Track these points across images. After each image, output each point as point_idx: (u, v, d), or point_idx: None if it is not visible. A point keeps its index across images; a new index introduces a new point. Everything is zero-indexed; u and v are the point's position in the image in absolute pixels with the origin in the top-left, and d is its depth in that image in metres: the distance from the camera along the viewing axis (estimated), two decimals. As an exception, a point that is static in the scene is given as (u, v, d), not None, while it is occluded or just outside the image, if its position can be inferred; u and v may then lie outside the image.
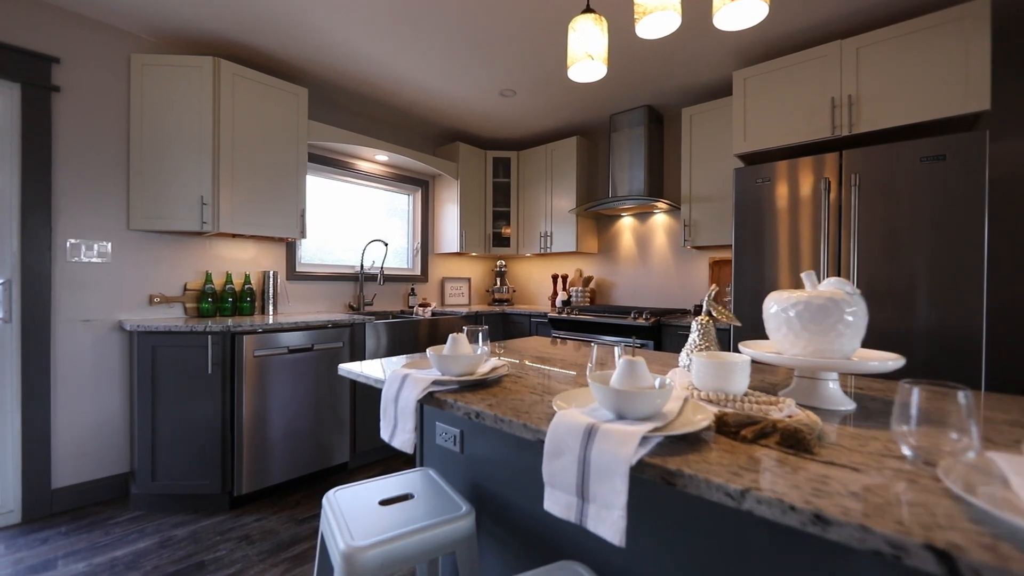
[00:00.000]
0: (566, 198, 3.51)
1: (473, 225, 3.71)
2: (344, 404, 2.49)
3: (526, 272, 4.24)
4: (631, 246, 3.51)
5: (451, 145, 3.66)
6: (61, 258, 2.10)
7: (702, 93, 2.92)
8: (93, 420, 2.18)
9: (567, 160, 3.50)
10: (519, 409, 0.85)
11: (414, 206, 3.74)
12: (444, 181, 3.71)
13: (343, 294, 3.18)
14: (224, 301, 2.50)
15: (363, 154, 3.16)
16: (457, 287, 3.94)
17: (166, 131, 2.24)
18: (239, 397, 2.10)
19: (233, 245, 2.64)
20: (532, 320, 3.32)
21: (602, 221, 3.70)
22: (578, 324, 2.98)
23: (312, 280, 3.01)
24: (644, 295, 3.43)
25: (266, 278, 2.69)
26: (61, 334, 2.09)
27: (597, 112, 3.29)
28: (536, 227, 3.73)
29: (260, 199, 2.46)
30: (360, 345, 2.59)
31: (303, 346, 2.31)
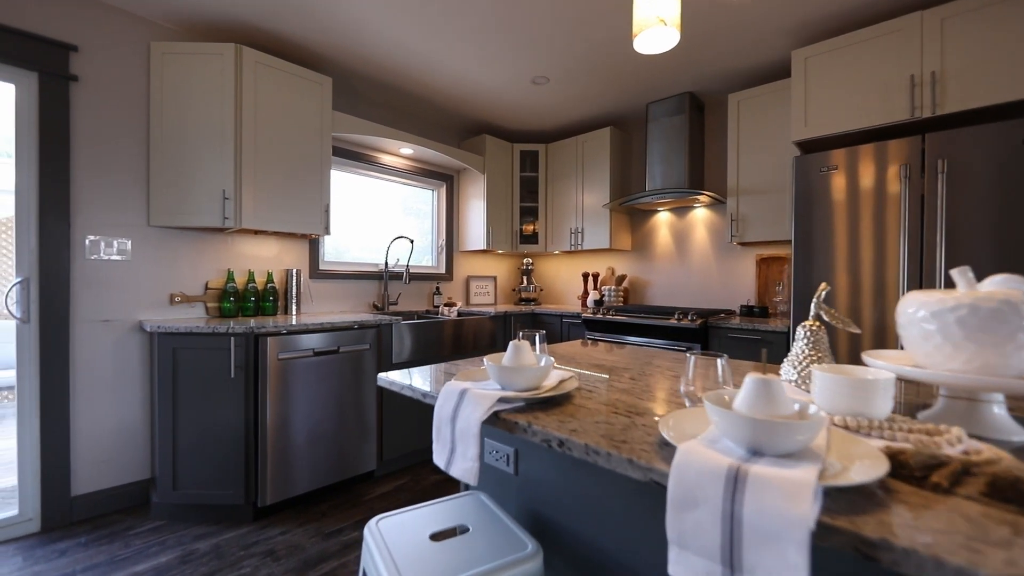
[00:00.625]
0: (598, 192, 3.34)
1: (500, 221, 3.55)
2: (370, 409, 2.36)
3: (553, 270, 4.07)
4: (668, 243, 3.32)
5: (477, 138, 3.51)
6: (80, 256, 2.00)
7: (750, 77, 2.71)
8: (113, 425, 2.09)
9: (599, 152, 3.32)
10: (612, 436, 0.69)
11: (438, 202, 3.60)
12: (470, 175, 3.56)
13: (367, 293, 3.05)
14: (246, 300, 2.39)
15: (387, 147, 3.03)
16: (482, 286, 3.79)
17: (187, 122, 2.13)
18: (263, 402, 1.98)
19: (255, 242, 2.53)
20: (564, 321, 3.15)
21: (636, 217, 3.51)
22: (615, 326, 2.80)
23: (335, 279, 2.89)
24: (682, 295, 3.24)
25: (289, 276, 2.58)
26: (80, 335, 2.00)
27: (632, 101, 3.10)
28: (565, 223, 3.55)
29: (284, 193, 2.34)
30: (387, 347, 2.46)
31: (328, 348, 2.18)
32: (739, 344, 2.35)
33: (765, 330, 2.25)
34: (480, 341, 2.93)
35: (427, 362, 2.66)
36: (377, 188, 3.22)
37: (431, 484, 2.42)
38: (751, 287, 2.91)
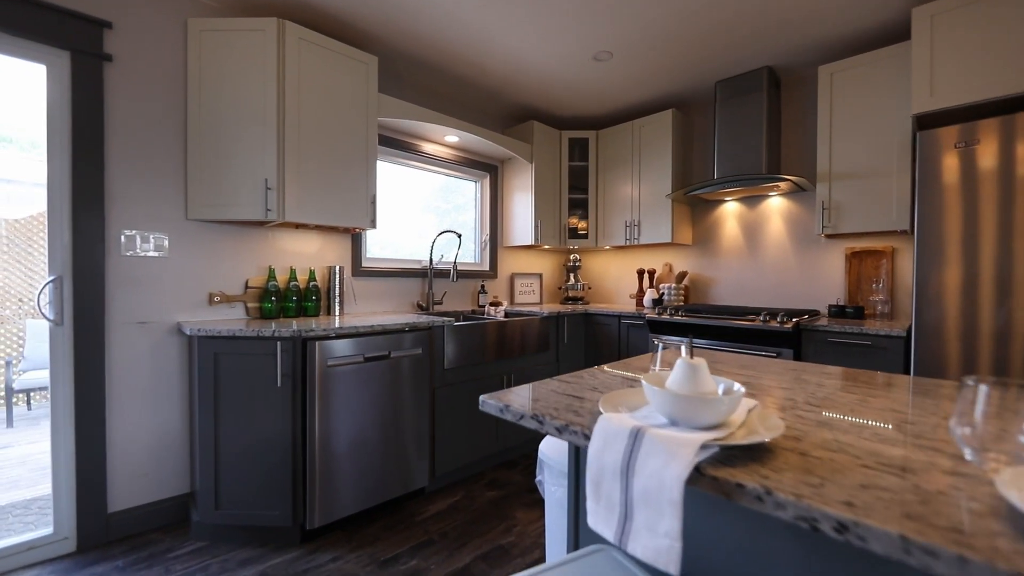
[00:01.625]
0: (657, 182, 3.05)
1: (547, 214, 3.30)
2: (423, 420, 2.14)
3: (601, 267, 3.80)
4: (736, 236, 3.02)
5: (524, 124, 3.26)
6: (115, 252, 1.84)
7: (845, 46, 2.39)
8: (151, 436, 1.92)
9: (660, 137, 3.04)
10: (921, 516, 0.44)
11: (482, 194, 3.37)
12: (515, 165, 3.32)
13: (410, 292, 2.85)
14: (288, 300, 2.21)
15: (430, 134, 2.82)
16: (527, 284, 3.55)
17: (227, 105, 1.95)
18: (311, 413, 1.78)
19: (297, 237, 2.35)
20: (623, 322, 2.89)
21: (699, 208, 3.21)
22: (686, 328, 2.53)
23: (377, 277, 2.69)
24: (752, 294, 2.93)
25: (332, 274, 2.39)
26: (116, 338, 1.84)
27: (698, 80, 2.81)
28: (619, 216, 3.28)
29: (328, 183, 2.14)
30: (439, 351, 2.24)
31: (379, 353, 1.97)
32: (840, 351, 2.05)
33: (876, 334, 1.95)
34: (532, 344, 2.69)
35: (479, 367, 2.43)
36: (418, 179, 3.01)
37: (487, 502, 2.19)
38: (839, 285, 2.59)
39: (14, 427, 3.73)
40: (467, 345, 2.35)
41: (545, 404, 0.83)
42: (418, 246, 3.02)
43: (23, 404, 4.13)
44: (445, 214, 3.10)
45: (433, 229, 3.04)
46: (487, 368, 2.48)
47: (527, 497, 2.24)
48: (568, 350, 2.99)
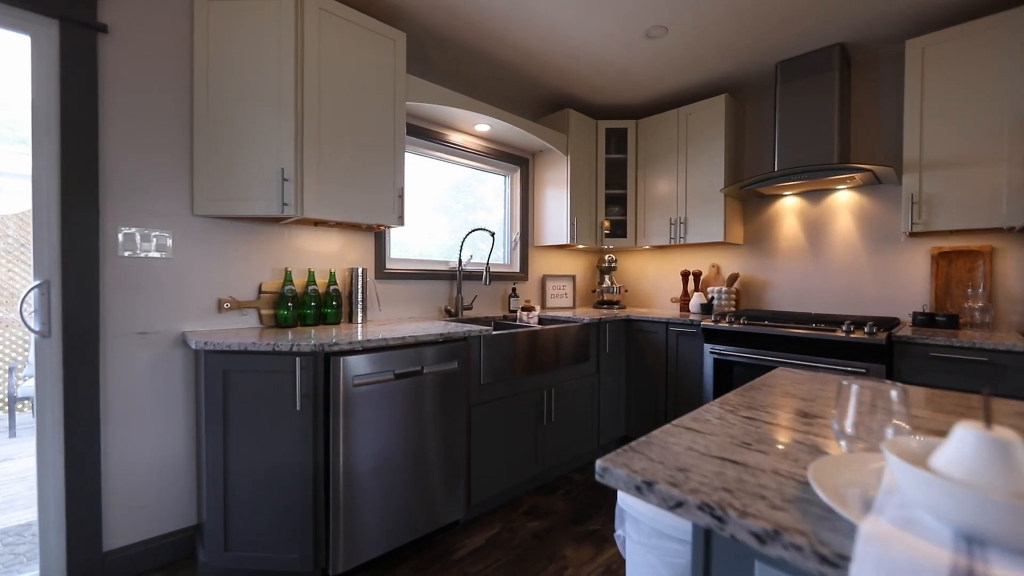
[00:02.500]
0: (707, 175, 2.77)
1: (583, 211, 3.03)
2: (458, 444, 1.89)
3: (637, 268, 3.52)
4: (795, 234, 2.72)
5: (559, 113, 2.99)
6: (111, 253, 1.60)
7: (936, 16, 2.09)
8: (152, 463, 1.69)
9: (710, 126, 2.75)
10: None
11: (512, 189, 3.11)
12: (547, 158, 3.06)
13: (436, 296, 2.59)
14: (306, 306, 1.96)
15: (460, 123, 2.56)
16: (560, 286, 3.28)
17: (238, 84, 1.71)
18: (334, 441, 1.53)
19: (315, 236, 2.10)
20: (671, 329, 2.60)
21: (751, 204, 2.92)
22: (748, 338, 2.24)
23: (401, 280, 2.44)
24: (815, 298, 2.64)
25: (353, 277, 2.14)
26: (112, 351, 1.60)
27: (757, 59, 2.52)
28: (661, 213, 3.00)
29: (352, 174, 1.89)
30: (476, 365, 1.98)
31: (411, 369, 1.72)
32: (945, 368, 1.76)
33: (995, 349, 1.65)
34: (572, 354, 2.42)
35: (517, 381, 2.17)
36: (435, 175, 2.75)
37: (530, 536, 1.93)
38: (923, 290, 2.29)
39: (16, 437, 3.54)
40: (504, 357, 2.08)
41: (701, 479, 0.56)
42: (427, 247, 2.76)
43: (28, 411, 3.95)
44: (456, 214, 2.80)
45: (444, 230, 2.77)
46: (525, 382, 2.21)
47: (573, 529, 1.98)
48: (609, 360, 2.72)
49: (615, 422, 2.76)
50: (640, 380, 2.76)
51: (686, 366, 2.54)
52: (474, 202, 2.91)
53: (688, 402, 2.53)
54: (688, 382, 2.53)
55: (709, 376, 2.39)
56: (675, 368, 2.59)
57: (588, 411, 2.58)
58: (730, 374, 2.30)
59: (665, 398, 2.63)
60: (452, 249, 2.76)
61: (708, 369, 2.39)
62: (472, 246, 2.84)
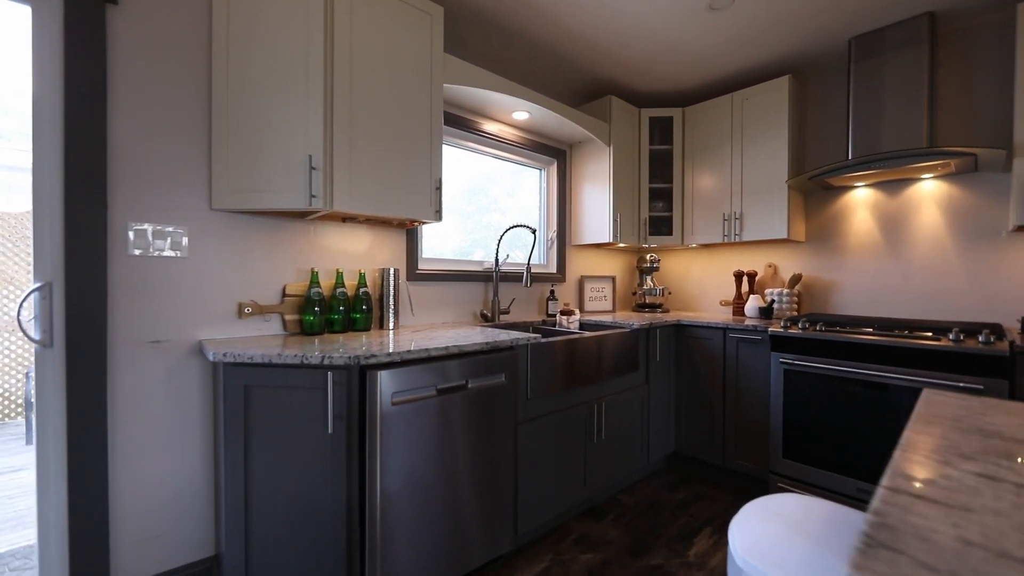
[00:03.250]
0: (767, 165, 2.51)
1: (625, 207, 2.80)
2: (505, 466, 1.67)
3: (681, 268, 3.26)
4: (869, 230, 2.44)
5: (600, 101, 2.77)
6: (120, 252, 1.42)
7: (1051, -23, 1.81)
8: (166, 487, 1.50)
9: (771, 111, 2.49)
10: None
11: (548, 183, 2.89)
12: (587, 150, 2.83)
13: (470, 299, 2.38)
14: (334, 311, 1.77)
15: (496, 110, 2.35)
16: (598, 288, 3.05)
17: (261, 62, 1.52)
18: (371, 467, 1.32)
19: (344, 233, 1.90)
20: (730, 336, 2.35)
21: (815, 198, 2.65)
22: (827, 347, 1.98)
23: (433, 281, 2.23)
24: (893, 302, 2.35)
25: (384, 278, 1.93)
26: (121, 362, 1.42)
27: (826, 35, 2.26)
28: (712, 208, 2.75)
29: (385, 163, 1.69)
30: (523, 377, 1.76)
31: (456, 383, 1.51)
32: (1087, 383, 1.48)
33: None
34: (620, 363, 2.19)
35: (565, 395, 1.94)
36: (473, 166, 2.54)
37: (584, 571, 1.70)
38: None
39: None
40: (553, 368, 1.86)
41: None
42: (440, 248, 2.55)
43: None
44: (468, 216, 2.54)
45: (456, 231, 2.53)
46: (574, 395, 1.98)
47: (634, 564, 1.74)
48: (659, 370, 2.47)
49: (664, 437, 2.51)
50: (692, 391, 2.51)
51: (747, 377, 2.28)
52: (487, 203, 2.62)
53: (750, 418, 2.27)
54: (750, 395, 2.27)
55: (777, 389, 2.13)
56: (734, 379, 2.33)
57: (637, 426, 2.33)
58: (803, 388, 2.04)
59: (723, 412, 2.37)
60: (464, 252, 2.53)
61: (776, 381, 2.13)
62: (485, 246, 2.61)
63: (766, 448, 2.22)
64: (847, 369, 1.91)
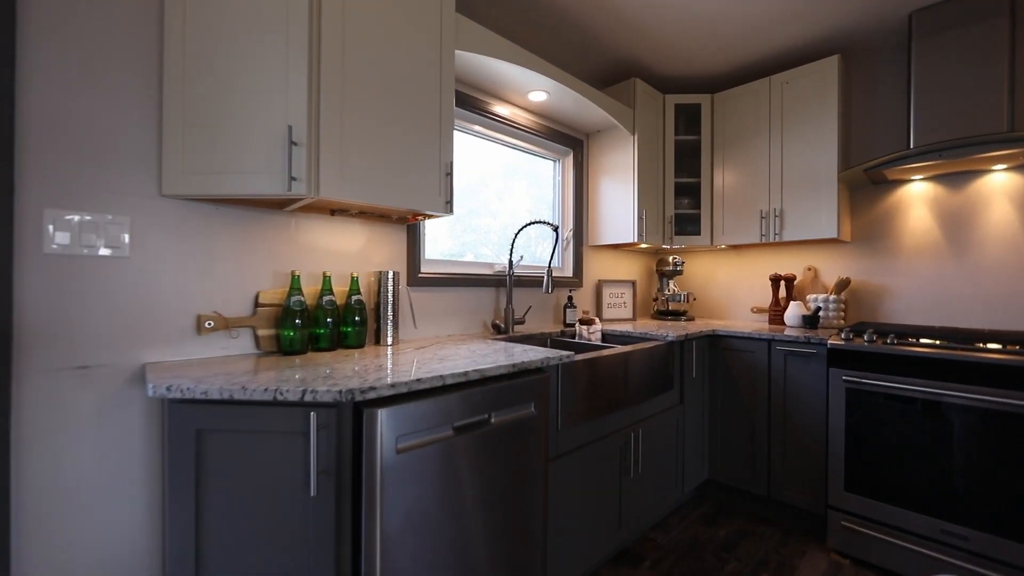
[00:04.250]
0: (812, 156, 2.24)
1: (649, 204, 2.50)
2: (533, 513, 1.34)
3: (705, 272, 2.98)
4: (927, 228, 2.18)
5: (623, 84, 2.48)
6: (34, 249, 1.07)
7: None
8: (95, 566, 1.14)
9: (817, 95, 2.22)
10: None
11: (563, 176, 2.58)
12: (607, 139, 2.53)
13: (479, 307, 2.06)
14: (319, 324, 1.43)
15: (510, 91, 2.04)
16: (618, 294, 2.74)
17: (226, 7, 1.18)
18: (370, 541, 0.99)
19: (333, 228, 1.57)
20: (776, 348, 2.06)
21: (861, 193, 2.39)
22: (902, 363, 1.69)
23: (438, 286, 1.90)
24: (957, 309, 2.09)
25: (382, 283, 1.60)
26: (32, 396, 1.07)
27: (881, 9, 2.00)
28: (747, 204, 2.47)
29: (387, 141, 1.36)
30: (553, 404, 1.44)
31: (476, 418, 1.18)
32: None
33: None
34: (654, 381, 1.88)
35: (597, 423, 1.63)
36: (481, 154, 2.22)
37: (630, 644, 1.38)
38: None
39: None
40: (585, 391, 1.54)
41: None
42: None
43: None
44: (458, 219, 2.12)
45: (446, 237, 2.19)
46: (609, 422, 1.67)
47: (688, 632, 1.43)
48: (694, 387, 2.18)
49: (698, 464, 2.21)
50: (729, 411, 2.21)
51: (798, 395, 2.00)
52: (477, 207, 2.19)
53: (802, 443, 1.98)
54: (801, 416, 1.98)
55: (838, 410, 1.84)
56: (780, 397, 2.04)
57: (672, 453, 2.03)
58: (872, 410, 1.75)
59: (767, 435, 2.08)
60: (454, 256, 2.20)
61: (836, 401, 1.84)
62: (475, 249, 2.30)
63: (822, 479, 1.93)
64: (926, 390, 1.62)
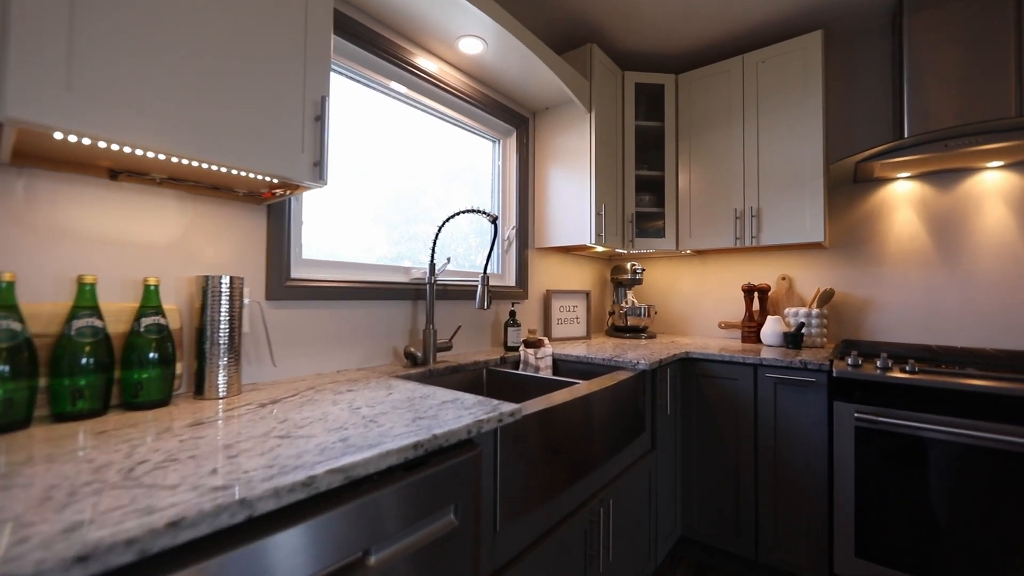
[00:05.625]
0: (793, 147, 1.92)
1: (608, 200, 2.07)
2: None
3: (665, 281, 2.60)
4: (914, 232, 1.93)
5: (578, 51, 2.03)
6: None
7: None
8: None
9: (799, 76, 1.91)
10: None
11: (504, 160, 2.08)
12: (558, 119, 2.07)
13: (388, 327, 1.47)
14: (72, 369, 0.78)
15: (434, 37, 1.50)
16: (569, 307, 2.27)
17: None
18: None
19: (117, 203, 0.92)
20: (765, 375, 1.67)
21: (841, 193, 2.11)
22: (937, 396, 1.34)
23: (320, 301, 1.29)
24: (949, 326, 1.84)
25: (210, 296, 0.97)
26: None
27: (873, -21, 1.72)
28: (718, 203, 2.11)
29: (208, 44, 0.76)
30: (488, 495, 0.90)
31: (332, 567, 0.60)
32: None
33: None
34: (622, 427, 1.41)
35: (554, 503, 1.10)
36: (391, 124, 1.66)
37: None
38: None
39: None
40: (533, 462, 1.02)
41: None
42: (400, 242, 1.66)
43: None
44: (396, 226, 1.61)
45: (384, 243, 1.63)
46: (566, 500, 1.15)
47: None
48: (667, 426, 1.74)
49: (669, 519, 1.77)
50: (708, 452, 1.80)
51: (793, 435, 1.62)
52: (418, 213, 1.66)
53: (799, 495, 1.59)
54: (800, 461, 1.60)
55: (846, 454, 1.47)
56: (771, 436, 1.66)
57: (645, 514, 1.56)
58: (890, 455, 1.39)
59: (755, 485, 1.68)
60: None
61: (844, 443, 1.47)
62: (413, 258, 1.74)
63: (826, 541, 1.54)
64: (978, 434, 1.28)
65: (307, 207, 1.32)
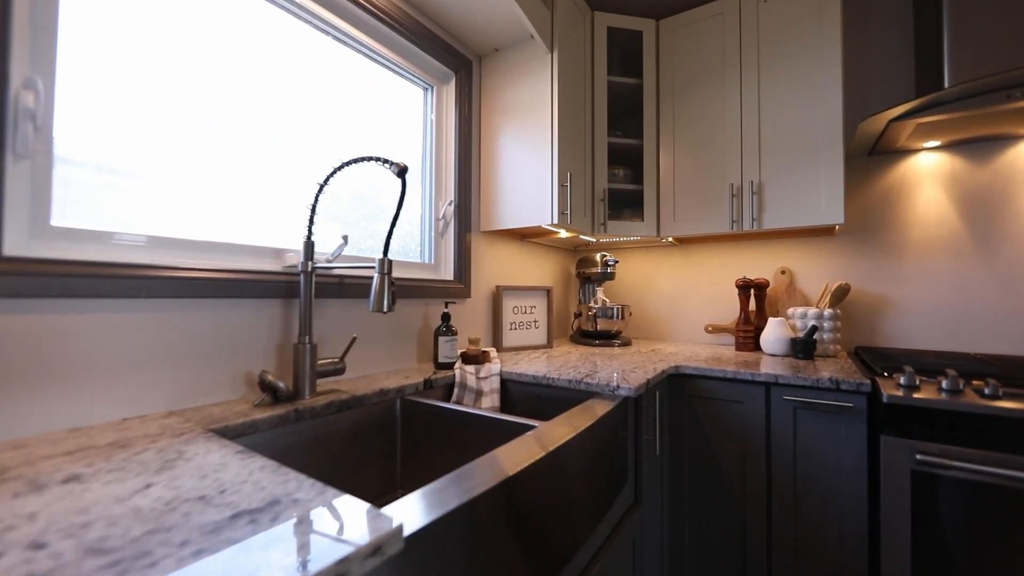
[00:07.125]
0: (803, 106, 1.53)
1: (575, 170, 1.61)
2: None
3: (640, 276, 2.18)
4: (943, 215, 1.59)
5: (534, -30, 1.55)
6: None
7: None
8: None
9: (810, 15, 1.52)
10: None
11: (439, 113, 1.57)
12: (512, 63, 1.59)
13: (243, 342, 0.93)
14: None
15: None
16: (526, 307, 1.79)
17: None
18: None
19: None
20: (783, 398, 1.26)
21: (853, 168, 1.75)
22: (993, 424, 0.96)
23: (84, 297, 0.75)
24: (988, 329, 1.51)
25: None
26: None
27: None
28: (710, 178, 1.70)
29: None
30: None
31: None
32: None
33: None
34: (601, 484, 0.94)
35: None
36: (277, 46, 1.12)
37: None
38: None
39: None
40: None
41: None
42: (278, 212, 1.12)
43: None
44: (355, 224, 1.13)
45: (291, 221, 1.12)
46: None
47: None
48: (655, 469, 1.29)
49: (660, 590, 1.32)
50: (705, 499, 1.37)
51: (819, 479, 1.21)
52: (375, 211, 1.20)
53: (830, 561, 1.19)
54: (830, 514, 1.20)
55: (899, 510, 1.07)
56: (789, 481, 1.25)
57: (629, 602, 1.10)
58: (966, 513, 1.00)
59: (767, 545, 1.27)
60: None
61: (896, 494, 1.08)
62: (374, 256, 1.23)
63: (866, 621, 1.14)
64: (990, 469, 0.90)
65: (91, 142, 0.76)
